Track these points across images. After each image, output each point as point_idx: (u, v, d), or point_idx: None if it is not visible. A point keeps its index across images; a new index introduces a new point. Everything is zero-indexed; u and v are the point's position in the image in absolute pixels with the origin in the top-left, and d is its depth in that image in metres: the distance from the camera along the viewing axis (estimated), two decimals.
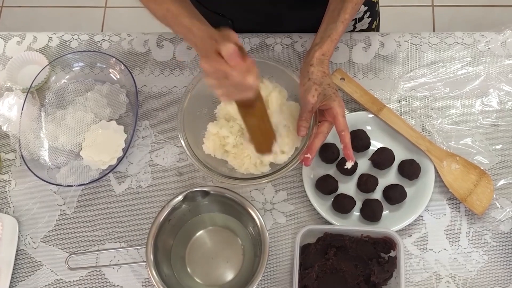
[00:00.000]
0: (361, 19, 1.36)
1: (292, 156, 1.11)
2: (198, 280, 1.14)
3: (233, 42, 0.84)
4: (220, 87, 0.89)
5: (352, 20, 1.34)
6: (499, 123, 1.19)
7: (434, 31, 2.46)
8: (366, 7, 1.34)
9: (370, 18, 1.38)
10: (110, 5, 2.70)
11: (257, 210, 1.08)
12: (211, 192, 1.11)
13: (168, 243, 1.13)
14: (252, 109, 0.98)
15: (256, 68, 0.88)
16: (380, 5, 1.45)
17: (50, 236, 1.19)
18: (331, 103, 1.03)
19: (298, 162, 1.08)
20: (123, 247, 1.12)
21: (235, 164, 1.13)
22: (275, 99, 1.12)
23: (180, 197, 1.10)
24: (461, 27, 1.22)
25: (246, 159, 1.11)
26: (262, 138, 1.06)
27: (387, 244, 1.07)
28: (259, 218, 1.07)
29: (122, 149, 1.20)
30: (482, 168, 1.15)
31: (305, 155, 1.05)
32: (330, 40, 1.08)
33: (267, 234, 1.06)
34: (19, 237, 1.18)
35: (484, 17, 2.48)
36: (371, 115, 1.19)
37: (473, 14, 2.50)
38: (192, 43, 0.97)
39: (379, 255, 1.08)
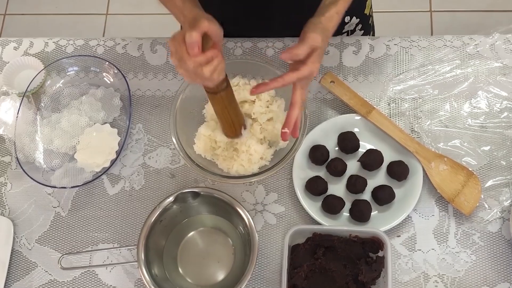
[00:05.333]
0: (353, 31, 1.37)
1: (281, 156, 1.12)
2: (189, 280, 1.15)
3: (202, 31, 0.87)
4: (181, 68, 0.91)
5: (344, 33, 1.36)
6: (487, 124, 1.20)
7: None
8: (358, 19, 1.35)
9: (362, 31, 1.39)
10: (111, 12, 2.74)
11: (247, 211, 1.10)
12: (201, 193, 1.13)
13: (160, 243, 1.15)
14: (215, 96, 1.01)
15: (221, 63, 0.91)
16: (376, 10, 1.46)
17: (45, 237, 1.21)
18: (308, 62, 0.98)
19: (288, 162, 1.10)
20: (115, 247, 1.14)
21: (224, 167, 1.15)
22: (263, 99, 1.14)
23: (171, 198, 1.12)
24: (459, 32, 1.24)
25: (234, 161, 1.13)
26: (227, 125, 1.11)
27: (375, 244, 1.08)
28: (248, 218, 1.09)
29: (116, 151, 1.22)
30: (470, 169, 1.16)
31: (282, 130, 1.03)
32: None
33: (256, 234, 1.07)
34: (14, 238, 1.20)
35: (482, 22, 2.49)
36: (360, 117, 1.20)
37: (471, 19, 2.51)
38: (182, 23, 1.01)
39: (368, 255, 1.09)
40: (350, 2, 1.05)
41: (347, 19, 1.32)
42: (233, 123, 1.11)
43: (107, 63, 1.28)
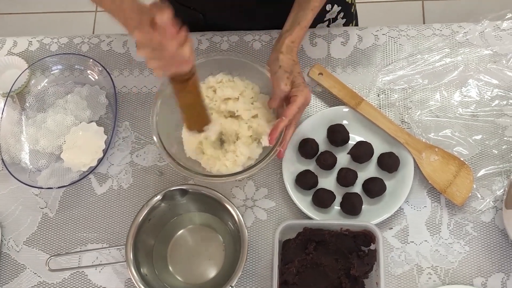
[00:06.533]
0: (334, 19, 1.35)
1: (266, 150, 1.11)
2: (180, 279, 1.14)
3: (167, 10, 0.82)
4: (155, 59, 0.86)
5: (326, 21, 1.34)
6: (478, 113, 1.18)
7: None
8: (340, 7, 1.34)
9: (344, 20, 1.38)
10: (101, 9, 2.71)
11: (236, 207, 1.08)
12: (189, 190, 1.11)
13: (149, 242, 1.13)
14: (186, 85, 0.96)
15: (191, 41, 0.87)
16: (368, 0, 1.44)
17: (33, 239, 1.19)
18: (297, 93, 1.04)
19: (273, 157, 1.08)
20: (104, 247, 1.13)
21: (206, 166, 1.13)
22: (247, 96, 1.13)
23: (159, 197, 1.10)
24: (452, 21, 1.23)
25: (218, 161, 1.12)
26: (196, 116, 1.06)
27: (367, 237, 1.07)
28: (237, 215, 1.07)
29: (103, 150, 1.21)
30: (462, 159, 1.14)
31: (278, 149, 1.08)
32: (299, 28, 1.09)
33: (246, 230, 1.06)
34: (1, 241, 1.19)
35: (476, 10, 2.47)
36: (349, 109, 1.19)
37: (463, 6, 2.50)
38: (121, 18, 0.93)
39: (360, 249, 1.08)
40: (317, 13, 1.11)
41: (328, 7, 1.30)
42: (202, 115, 1.07)
43: (91, 60, 1.26)
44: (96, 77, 1.28)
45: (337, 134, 1.16)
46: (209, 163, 1.13)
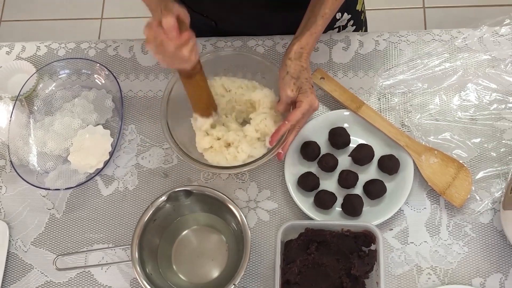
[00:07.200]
0: (344, 27, 1.38)
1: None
2: (184, 278, 1.16)
3: (176, 14, 0.90)
4: (159, 54, 0.95)
5: (335, 28, 1.37)
6: (477, 117, 1.20)
7: None
8: (350, 15, 1.36)
9: (354, 27, 1.40)
10: (106, 16, 2.75)
11: (239, 208, 1.10)
12: (193, 191, 1.13)
13: (154, 242, 1.16)
14: (192, 80, 1.06)
15: (194, 43, 0.95)
16: (371, 8, 1.46)
17: (40, 239, 1.22)
18: (303, 98, 1.06)
19: (272, 156, 1.12)
20: (109, 247, 1.15)
21: (208, 158, 1.16)
22: (262, 105, 1.18)
23: (163, 197, 1.12)
24: (452, 27, 1.26)
25: (220, 153, 1.15)
26: (202, 105, 1.15)
27: (367, 237, 1.09)
28: (240, 216, 1.09)
29: (109, 152, 1.23)
30: (461, 161, 1.16)
31: (278, 151, 1.11)
32: (309, 34, 1.11)
33: (249, 230, 1.08)
34: (10, 241, 1.21)
35: (475, 17, 2.48)
36: (350, 113, 1.21)
37: (464, 14, 2.52)
38: (154, 10, 1.04)
39: (360, 249, 1.10)
40: (328, 20, 1.13)
41: (338, 15, 1.33)
42: (208, 105, 1.15)
43: (98, 65, 1.29)
44: (103, 81, 1.31)
45: (338, 137, 1.18)
46: (211, 155, 1.16)
